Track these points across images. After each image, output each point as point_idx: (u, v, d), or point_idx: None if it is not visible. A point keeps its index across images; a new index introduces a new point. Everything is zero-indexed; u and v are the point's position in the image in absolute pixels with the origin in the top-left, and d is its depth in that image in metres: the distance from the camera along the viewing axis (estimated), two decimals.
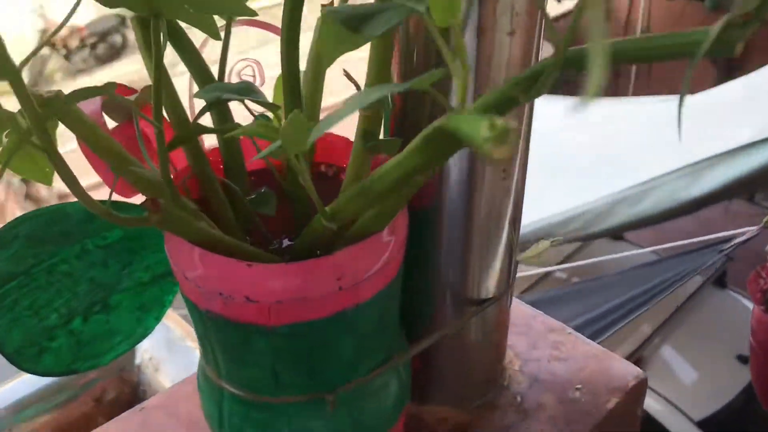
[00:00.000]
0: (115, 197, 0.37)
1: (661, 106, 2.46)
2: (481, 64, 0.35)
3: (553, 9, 3.91)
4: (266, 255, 0.34)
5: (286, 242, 0.39)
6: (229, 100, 0.35)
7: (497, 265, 0.42)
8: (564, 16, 3.95)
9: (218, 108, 0.37)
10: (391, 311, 0.37)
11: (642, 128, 2.42)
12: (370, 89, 0.30)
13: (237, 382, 0.36)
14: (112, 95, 0.30)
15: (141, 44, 0.34)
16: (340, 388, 0.36)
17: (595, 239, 2.32)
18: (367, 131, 0.32)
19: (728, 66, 3.24)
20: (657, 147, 2.21)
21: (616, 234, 2.37)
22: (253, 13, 0.33)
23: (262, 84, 0.39)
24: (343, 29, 0.25)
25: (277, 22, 0.36)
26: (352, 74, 0.37)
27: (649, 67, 3.91)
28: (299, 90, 0.35)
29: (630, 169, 2.21)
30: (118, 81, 0.36)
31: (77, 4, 0.28)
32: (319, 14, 0.29)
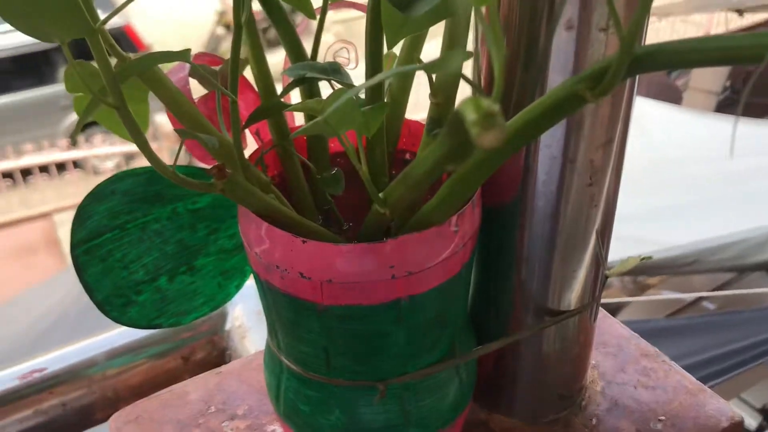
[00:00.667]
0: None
1: None
2: (576, 60, 0.33)
3: (734, 23, 3.66)
4: (330, 235, 0.34)
5: None
6: (314, 79, 0.35)
7: (580, 276, 0.39)
8: (747, 29, 3.67)
9: (308, 86, 0.38)
10: (453, 309, 0.36)
11: None
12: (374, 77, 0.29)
13: (293, 357, 0.37)
14: (192, 64, 0.31)
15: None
16: (390, 380, 0.35)
17: (748, 271, 2.14)
18: (433, 119, 0.31)
19: None
20: None
21: None
22: None
23: (355, 67, 0.39)
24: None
25: None
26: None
27: None
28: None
29: None
30: (284, 65, 0.38)
31: None
32: None
